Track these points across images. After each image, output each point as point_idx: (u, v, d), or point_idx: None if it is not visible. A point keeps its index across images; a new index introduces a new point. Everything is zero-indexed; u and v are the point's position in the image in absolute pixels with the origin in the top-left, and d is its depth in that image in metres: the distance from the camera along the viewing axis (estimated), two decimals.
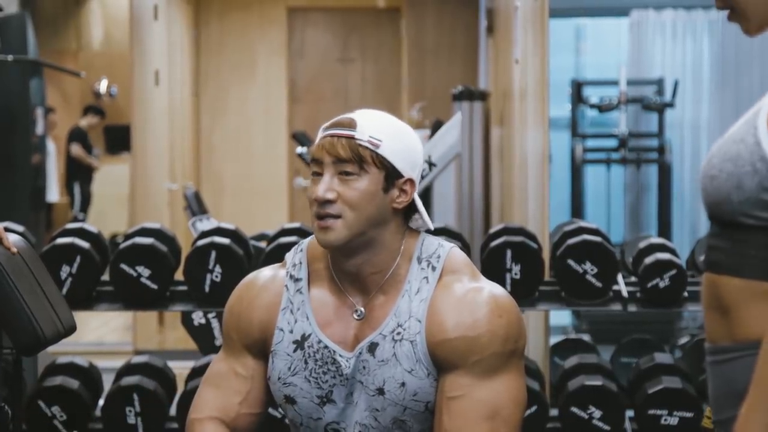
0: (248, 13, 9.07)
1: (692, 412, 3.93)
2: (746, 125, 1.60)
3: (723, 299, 1.59)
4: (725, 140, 1.62)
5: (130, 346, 7.15)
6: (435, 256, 2.03)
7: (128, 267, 3.91)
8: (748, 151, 1.56)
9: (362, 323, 2.02)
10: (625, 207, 8.12)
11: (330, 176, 1.99)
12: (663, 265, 4.04)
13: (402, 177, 2.00)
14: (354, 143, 1.98)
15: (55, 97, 10.30)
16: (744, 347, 1.56)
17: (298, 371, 2.03)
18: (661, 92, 7.83)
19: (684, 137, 8.05)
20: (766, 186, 1.54)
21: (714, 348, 1.61)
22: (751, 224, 1.56)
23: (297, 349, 2.04)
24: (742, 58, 7.92)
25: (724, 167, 1.58)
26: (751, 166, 1.55)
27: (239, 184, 9.05)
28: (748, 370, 1.52)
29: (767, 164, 1.54)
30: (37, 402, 3.96)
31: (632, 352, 4.86)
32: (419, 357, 1.98)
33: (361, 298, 2.03)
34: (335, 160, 1.98)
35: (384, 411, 2.00)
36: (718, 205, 1.59)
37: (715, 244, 1.62)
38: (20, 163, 6.40)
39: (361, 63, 9.32)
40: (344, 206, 1.97)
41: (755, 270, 1.56)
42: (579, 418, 3.92)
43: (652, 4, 8.02)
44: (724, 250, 1.59)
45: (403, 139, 2.02)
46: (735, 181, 1.56)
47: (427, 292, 2.00)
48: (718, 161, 1.59)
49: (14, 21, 6.39)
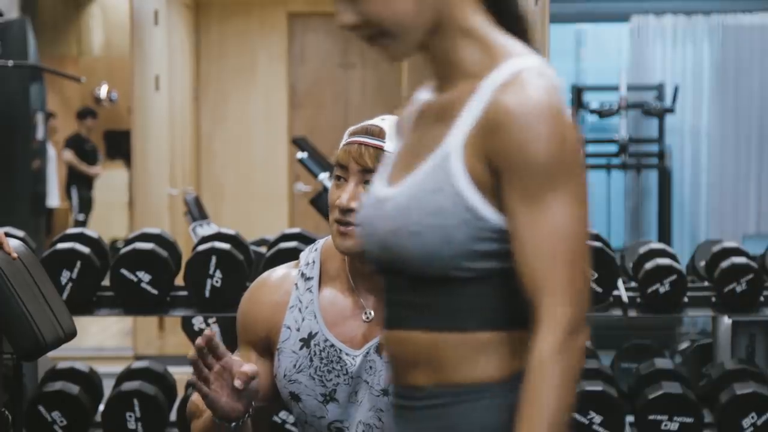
0: (249, 18, 9.08)
1: (692, 417, 3.93)
2: (436, 172, 1.48)
3: (426, 354, 1.50)
4: (415, 190, 1.49)
5: (131, 351, 7.15)
6: None
7: (129, 272, 3.91)
8: (450, 202, 1.46)
9: (372, 324, 2.03)
10: (625, 212, 8.12)
11: (355, 185, 1.99)
12: (663, 270, 4.04)
13: None
14: (382, 154, 1.97)
15: (55, 103, 10.30)
16: (467, 391, 1.49)
17: (303, 369, 2.04)
18: (661, 98, 7.83)
19: (684, 143, 8.05)
20: (476, 236, 1.46)
21: (423, 391, 1.52)
22: (463, 276, 1.47)
23: (303, 347, 2.05)
24: (743, 64, 7.92)
25: (426, 221, 1.46)
26: (457, 218, 1.45)
27: (239, 189, 9.05)
28: (474, 412, 1.48)
29: (474, 213, 1.46)
30: (37, 407, 3.96)
31: (632, 358, 4.86)
32: None
33: (372, 300, 2.05)
34: (361, 169, 1.99)
35: (388, 412, 2.00)
36: (426, 261, 1.47)
37: (408, 300, 1.52)
38: (20, 168, 6.39)
39: (361, 68, 9.32)
40: None
41: (470, 321, 1.49)
42: (579, 423, 3.92)
43: (652, 10, 8.02)
44: (427, 306, 1.50)
45: None
46: (443, 236, 1.46)
47: None
48: (418, 215, 1.47)
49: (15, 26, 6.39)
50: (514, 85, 1.45)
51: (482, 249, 1.47)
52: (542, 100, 1.44)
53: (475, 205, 1.46)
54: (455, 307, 1.49)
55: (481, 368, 1.49)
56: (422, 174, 1.50)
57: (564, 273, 1.44)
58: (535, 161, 1.43)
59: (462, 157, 1.47)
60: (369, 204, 1.58)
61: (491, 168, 1.46)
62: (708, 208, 8.01)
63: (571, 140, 1.45)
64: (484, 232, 1.46)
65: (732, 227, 7.83)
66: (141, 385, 4.01)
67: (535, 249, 1.44)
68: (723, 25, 7.93)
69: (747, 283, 4.06)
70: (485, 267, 1.47)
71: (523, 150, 1.43)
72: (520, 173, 1.44)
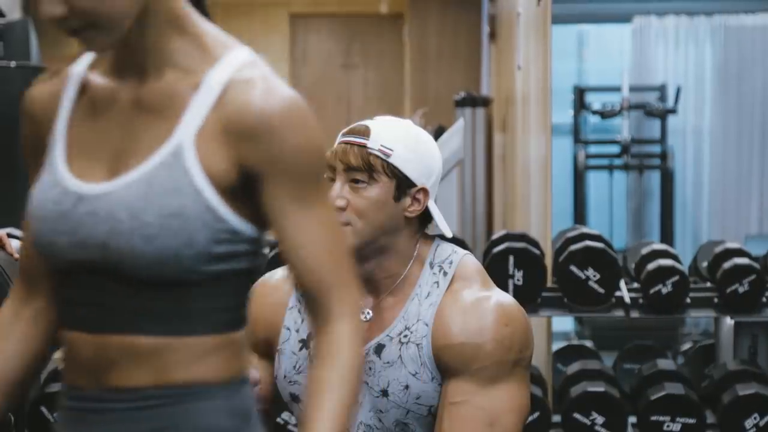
0: (251, 19, 9.09)
1: (695, 418, 3.93)
2: (171, 171, 1.42)
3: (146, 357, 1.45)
4: (145, 189, 1.42)
5: None
6: (447, 261, 2.04)
7: None
8: (190, 202, 1.41)
9: (370, 324, 2.04)
10: (627, 213, 8.12)
11: (341, 183, 2.01)
12: (665, 271, 4.04)
13: (415, 186, 2.02)
14: (365, 152, 2.00)
15: None
16: (190, 392, 1.47)
17: (303, 370, 2.05)
18: (663, 98, 7.83)
19: (686, 143, 8.05)
20: (215, 238, 1.43)
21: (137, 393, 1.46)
22: (196, 279, 1.44)
23: (303, 347, 2.06)
24: (745, 64, 7.93)
25: (165, 223, 1.40)
26: (199, 219, 1.41)
27: None
28: (195, 413, 1.46)
29: (214, 214, 1.42)
30: (39, 408, 3.96)
31: (635, 359, 4.86)
32: (424, 360, 1.99)
33: (370, 300, 2.05)
34: (346, 167, 2.01)
35: (387, 413, 2.01)
36: (160, 265, 1.41)
37: (125, 304, 1.44)
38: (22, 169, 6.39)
39: (363, 69, 9.33)
40: (353, 214, 1.99)
41: (198, 325, 1.46)
42: (581, 424, 3.92)
43: (654, 11, 8.03)
44: (151, 311, 1.44)
45: (417, 148, 2.03)
46: (184, 239, 1.41)
47: (436, 296, 2.01)
48: (153, 217, 1.40)
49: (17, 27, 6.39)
50: (257, 85, 1.45)
51: (219, 251, 1.44)
52: (297, 103, 1.45)
53: (215, 206, 1.43)
54: (184, 311, 1.46)
55: (205, 370, 1.47)
56: (151, 171, 1.43)
57: (345, 263, 1.49)
58: (309, 164, 1.45)
59: (195, 156, 1.44)
60: (63, 199, 1.51)
61: (245, 172, 1.44)
62: (710, 209, 8.02)
63: (321, 136, 1.48)
64: (222, 233, 1.44)
65: (734, 228, 7.83)
66: None
67: (317, 245, 1.47)
68: (725, 26, 7.94)
69: (749, 284, 4.06)
70: (219, 269, 1.46)
71: (295, 155, 1.44)
72: (291, 176, 1.44)
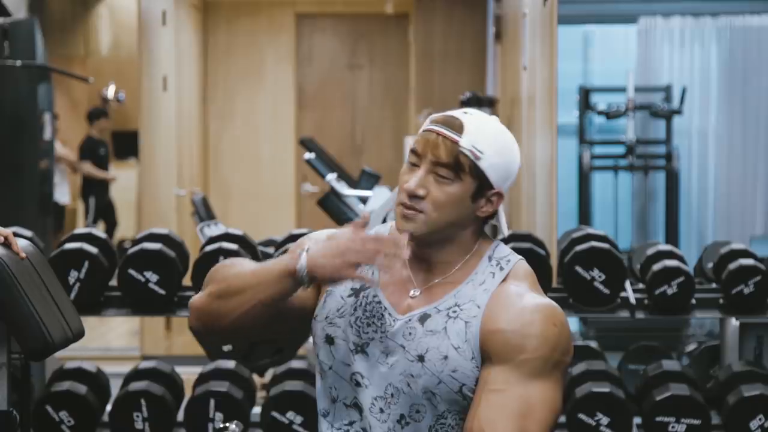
0: (257, 19, 9.09)
1: (700, 419, 3.92)
2: None
3: None
4: None
5: (138, 351, 7.16)
6: (506, 259, 2.08)
7: (136, 272, 3.91)
8: None
9: (418, 299, 2.07)
10: (632, 214, 8.11)
11: (425, 172, 2.02)
12: (671, 272, 4.04)
13: (493, 189, 2.04)
14: (456, 149, 2.01)
15: (63, 103, 10.31)
16: None
17: (345, 315, 2.09)
18: (668, 99, 7.82)
19: (692, 144, 8.04)
20: None
21: None
22: None
23: (352, 295, 2.10)
24: (750, 65, 7.92)
25: None
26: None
27: (247, 189, 9.06)
28: None
29: None
30: (45, 407, 3.96)
31: (640, 359, 4.86)
32: (469, 338, 2.01)
33: (423, 279, 2.08)
34: (435, 161, 2.02)
35: (419, 378, 2.03)
36: None
37: None
38: (28, 168, 6.40)
39: (369, 69, 9.33)
40: (430, 205, 2.02)
41: None
42: (586, 424, 3.92)
43: (660, 11, 8.02)
44: None
45: (505, 154, 2.04)
46: None
47: (491, 285, 2.04)
48: None
49: (23, 26, 6.40)
50: None
51: None
52: None
53: None
54: None
55: None
56: None
57: None
58: None
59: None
60: None
61: None
62: (715, 210, 8.01)
63: None
64: None
65: (739, 229, 7.82)
66: (148, 386, 4.02)
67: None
68: (731, 27, 7.93)
69: (755, 285, 4.06)
70: None
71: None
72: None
